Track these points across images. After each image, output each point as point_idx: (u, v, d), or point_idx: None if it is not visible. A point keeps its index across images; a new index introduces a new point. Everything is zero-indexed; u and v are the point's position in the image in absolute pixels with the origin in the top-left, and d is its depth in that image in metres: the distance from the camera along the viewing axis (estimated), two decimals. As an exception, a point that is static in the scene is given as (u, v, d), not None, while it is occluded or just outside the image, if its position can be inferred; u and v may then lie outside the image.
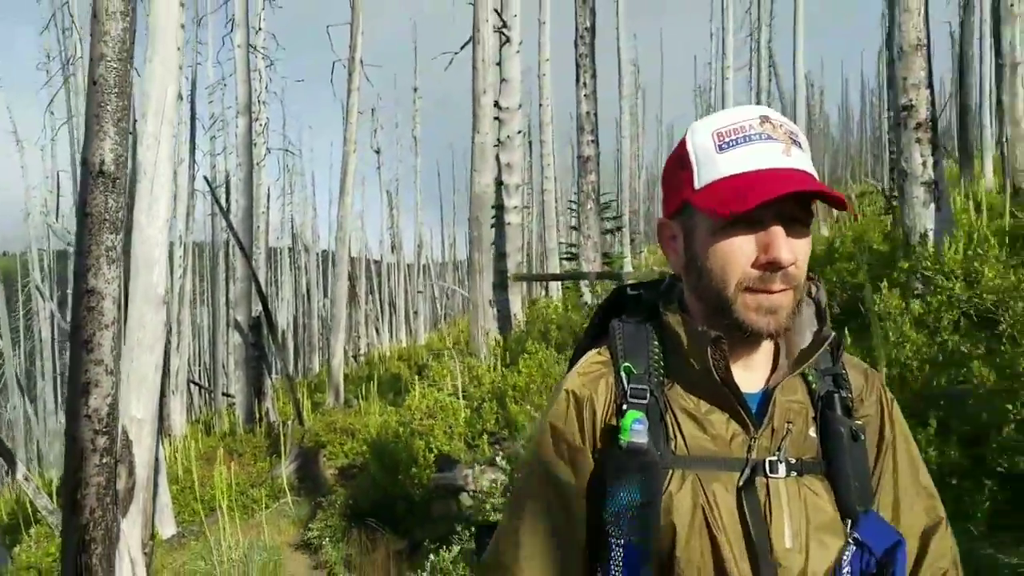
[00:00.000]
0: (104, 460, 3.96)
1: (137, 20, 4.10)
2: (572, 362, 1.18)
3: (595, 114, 11.91)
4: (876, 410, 1.13)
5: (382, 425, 6.68)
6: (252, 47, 13.17)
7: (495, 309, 10.24)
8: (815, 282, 1.13)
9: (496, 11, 12.08)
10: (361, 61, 12.45)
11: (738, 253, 1.00)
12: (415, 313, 30.26)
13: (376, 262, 36.22)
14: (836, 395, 1.09)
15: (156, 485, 4.83)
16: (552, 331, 8.64)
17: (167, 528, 6.63)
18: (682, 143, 1.08)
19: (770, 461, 1.03)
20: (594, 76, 11.93)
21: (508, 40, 11.84)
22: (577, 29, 11.89)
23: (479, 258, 9.40)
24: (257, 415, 11.17)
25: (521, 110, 12.15)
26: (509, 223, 11.43)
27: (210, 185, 13.54)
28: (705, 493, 1.01)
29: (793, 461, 1.04)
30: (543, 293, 17.81)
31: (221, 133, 17.45)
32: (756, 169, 0.99)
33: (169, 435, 12.02)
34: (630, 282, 1.22)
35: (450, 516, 4.17)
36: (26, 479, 7.35)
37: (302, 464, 8.08)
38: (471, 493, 4.26)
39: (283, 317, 28.66)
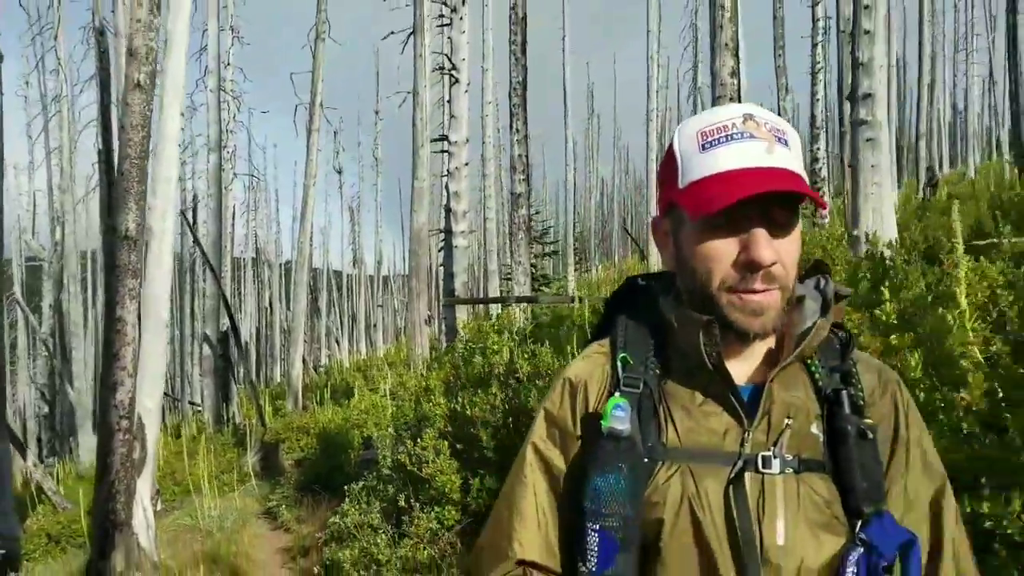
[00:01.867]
0: (126, 437, 5.75)
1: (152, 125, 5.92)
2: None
3: (526, 156, 13.84)
4: (890, 410, 1.10)
5: (329, 421, 8.48)
6: (222, 89, 14.92)
7: (431, 327, 12.08)
8: (825, 275, 1.14)
9: (447, 55, 14.04)
10: (321, 104, 14.27)
11: (720, 253, 1.01)
12: (374, 326, 31.92)
13: (337, 272, 37.87)
14: (844, 392, 1.06)
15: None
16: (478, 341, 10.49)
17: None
18: (671, 142, 1.10)
19: (764, 456, 1.01)
20: (525, 123, 13.86)
21: (457, 81, 13.75)
22: (511, 83, 13.82)
23: (416, 285, 11.25)
24: (225, 418, 12.88)
25: (468, 144, 14.04)
26: (456, 246, 13.26)
27: (183, 213, 15.22)
28: (695, 485, 1.01)
29: (790, 458, 1.02)
30: (484, 310, 19.66)
31: (190, 159, 19.09)
32: (736, 168, 1.00)
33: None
34: (640, 274, 1.25)
35: (368, 488, 5.97)
36: (35, 465, 9.11)
37: (264, 456, 9.84)
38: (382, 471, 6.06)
39: (246, 328, 30.12)
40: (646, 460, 1.03)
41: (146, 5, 5.83)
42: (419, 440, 4.15)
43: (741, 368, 1.08)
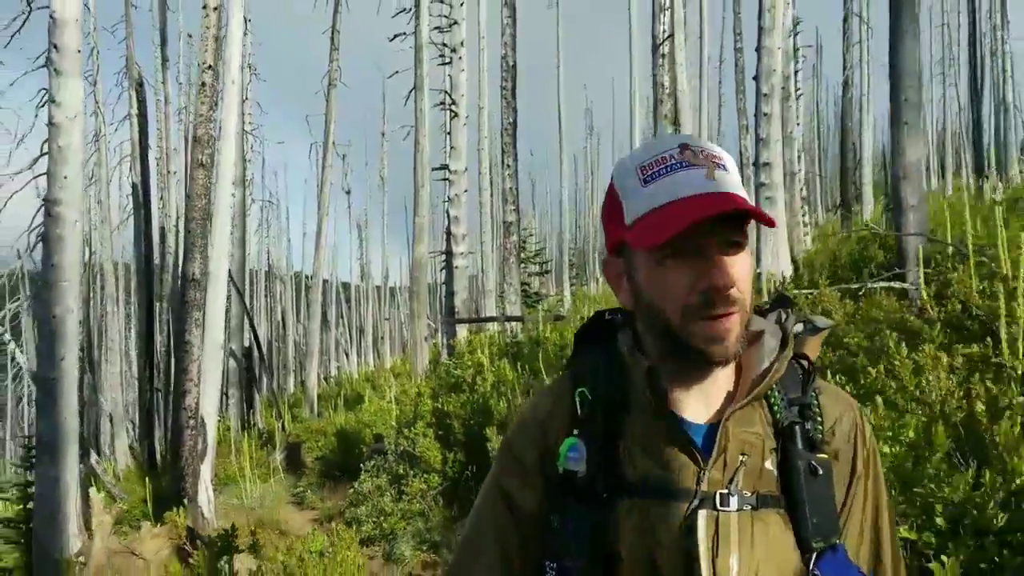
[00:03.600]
0: (192, 432, 7.66)
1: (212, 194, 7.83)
2: None
3: (516, 188, 15.79)
4: (849, 443, 1.12)
5: (344, 423, 10.36)
6: (243, 127, 16.89)
7: (435, 340, 13.94)
8: (787, 309, 1.16)
9: (447, 92, 15.93)
10: (333, 143, 16.22)
11: (676, 283, 1.02)
12: (382, 338, 33.80)
13: (346, 284, 39.78)
14: (798, 427, 1.08)
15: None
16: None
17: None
18: (611, 181, 1.12)
19: (721, 494, 1.03)
20: (515, 159, 15.80)
21: (456, 115, 15.62)
22: (503, 123, 15.76)
23: (417, 307, 13.14)
24: (249, 423, 14.79)
25: (467, 172, 15.90)
26: (456, 267, 15.12)
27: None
28: (652, 523, 1.03)
29: (748, 494, 1.04)
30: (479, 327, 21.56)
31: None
32: (680, 197, 1.02)
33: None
34: (607, 308, 1.25)
35: (377, 466, 7.84)
36: (96, 463, 11.04)
37: (289, 455, 11.72)
38: (389, 455, 7.91)
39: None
40: (604, 496, 1.05)
41: (207, 103, 7.80)
42: (412, 428, 6.03)
43: (699, 404, 1.09)
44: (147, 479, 8.55)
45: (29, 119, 11.92)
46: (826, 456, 1.08)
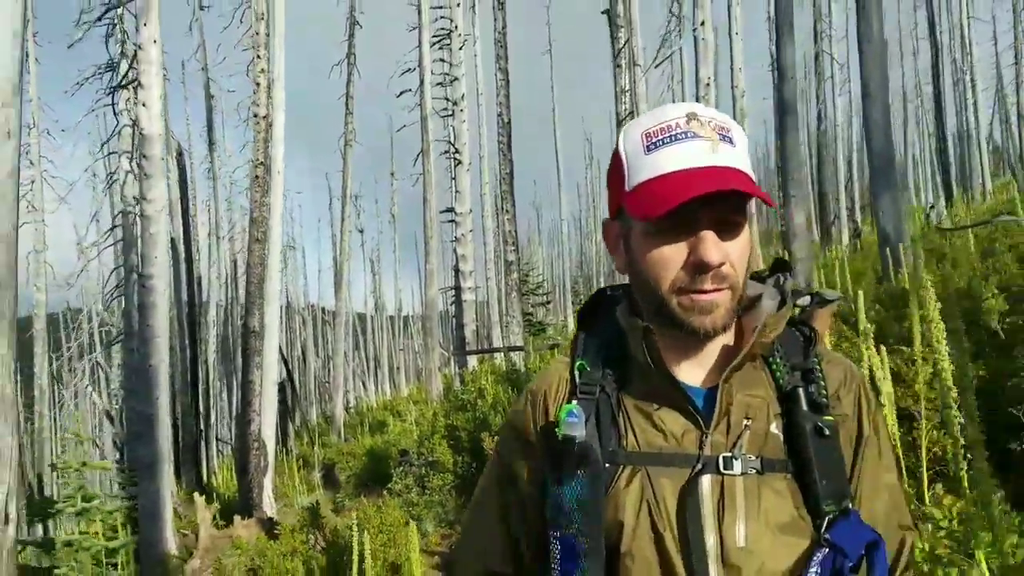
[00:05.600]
0: (256, 452, 9.78)
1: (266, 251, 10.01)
2: None
3: (515, 231, 17.93)
4: (853, 409, 1.13)
5: (372, 444, 12.48)
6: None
7: (449, 369, 16.02)
8: (786, 273, 1.17)
9: (450, 142, 18.06)
10: (350, 196, 18.44)
11: (669, 255, 1.04)
12: (397, 368, 35.94)
13: (361, 315, 41.94)
14: (801, 390, 1.09)
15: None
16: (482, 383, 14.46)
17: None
18: (616, 145, 1.12)
19: (724, 458, 1.04)
20: (513, 204, 17.95)
21: (459, 162, 17.70)
22: (500, 174, 17.95)
23: (429, 341, 15.26)
24: (285, 450, 16.90)
25: (471, 214, 18.02)
26: (465, 301, 17.17)
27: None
28: (653, 489, 1.05)
29: (752, 458, 1.04)
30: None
31: (240, 235, 23.37)
32: (680, 169, 1.02)
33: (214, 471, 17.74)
34: (611, 284, 1.26)
35: (404, 471, 9.94)
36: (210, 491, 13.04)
37: (325, 474, 13.82)
38: (413, 462, 10.01)
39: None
40: (606, 465, 1.07)
41: (259, 188, 9.99)
42: (430, 441, 8.13)
43: (697, 370, 1.11)
44: (235, 486, 10.67)
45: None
46: (832, 418, 1.08)
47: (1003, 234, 6.83)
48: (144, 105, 9.06)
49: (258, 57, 9.81)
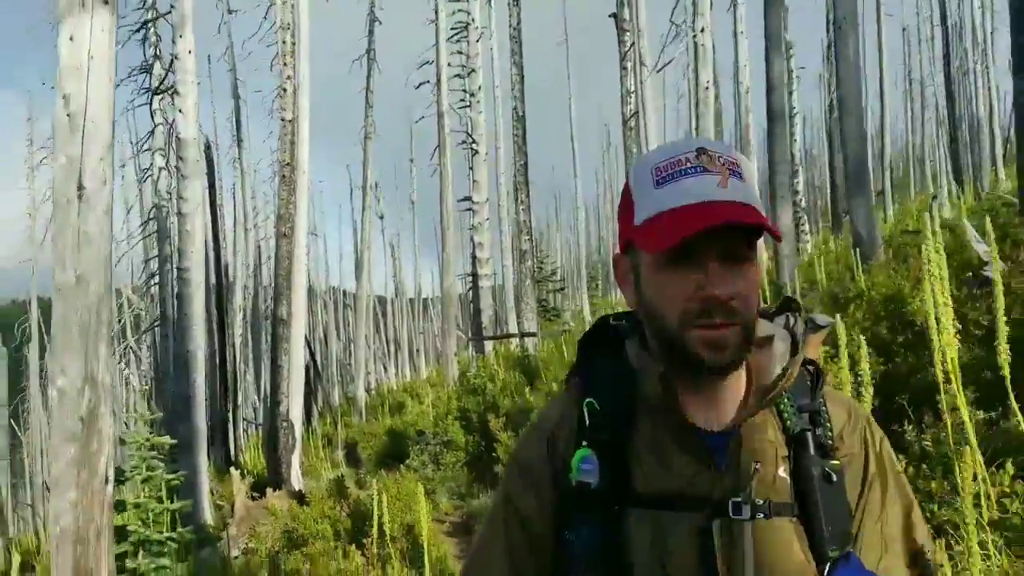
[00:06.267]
0: (285, 431, 10.65)
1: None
2: None
3: (530, 221, 18.63)
4: (860, 448, 1.14)
5: (392, 424, 13.33)
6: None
7: (462, 353, 16.84)
8: (794, 313, 1.17)
9: (468, 132, 18.74)
10: (370, 186, 19.21)
11: (677, 289, 1.04)
12: (417, 351, 36.85)
13: (381, 298, 42.86)
14: (810, 434, 1.09)
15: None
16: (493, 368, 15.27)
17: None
18: (627, 179, 1.15)
19: (734, 503, 1.04)
20: (528, 195, 18.64)
21: (476, 152, 18.39)
22: (515, 165, 18.64)
23: (447, 328, 16.07)
24: (310, 430, 17.83)
25: (488, 202, 18.71)
26: (482, 287, 17.93)
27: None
28: (663, 534, 1.05)
29: (761, 503, 1.05)
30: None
31: (263, 222, 24.30)
32: (689, 203, 1.03)
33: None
34: (614, 312, 1.27)
35: (421, 449, 10.76)
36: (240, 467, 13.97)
37: (348, 453, 14.70)
38: (429, 441, 10.83)
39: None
40: (616, 508, 1.07)
41: (286, 187, 10.79)
42: (444, 422, 8.94)
43: (707, 412, 1.11)
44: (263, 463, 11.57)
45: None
46: (838, 462, 1.09)
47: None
48: (181, 112, 9.89)
49: (284, 65, 10.58)
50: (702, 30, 10.73)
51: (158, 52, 12.69)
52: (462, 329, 26.69)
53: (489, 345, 17.25)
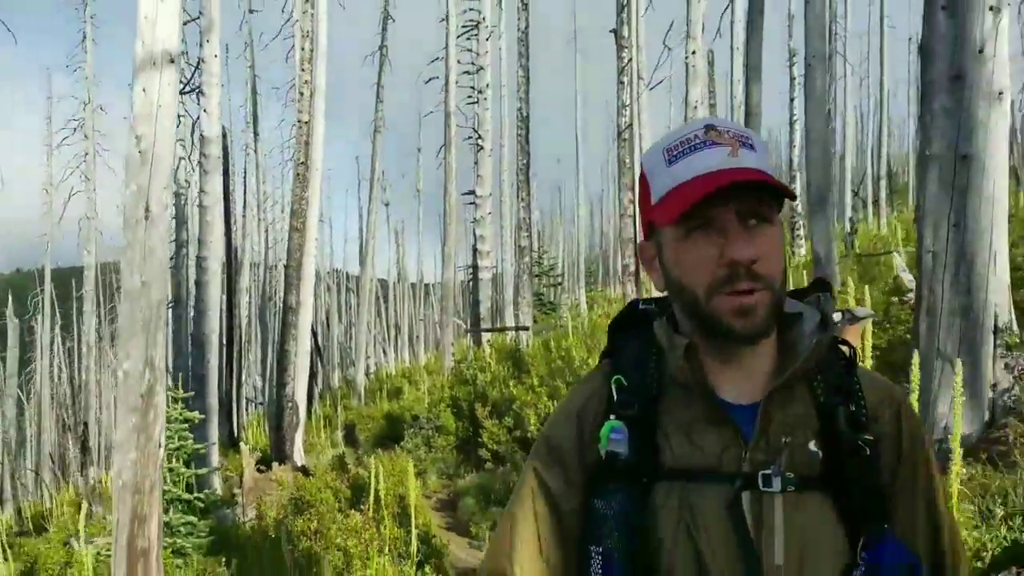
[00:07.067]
0: (290, 410, 11.56)
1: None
2: None
3: (529, 218, 19.50)
4: (893, 428, 1.14)
5: (389, 408, 14.25)
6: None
7: (459, 343, 17.73)
8: (824, 291, 1.18)
9: (474, 128, 19.54)
10: (377, 179, 20.06)
11: (700, 257, 1.06)
12: (417, 337, 37.75)
13: (383, 281, 43.72)
14: (841, 408, 1.09)
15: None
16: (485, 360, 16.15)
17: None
18: (641, 166, 1.18)
19: (764, 475, 1.05)
20: (529, 193, 19.49)
21: (481, 147, 19.19)
22: (518, 164, 19.48)
23: (445, 319, 16.95)
24: (309, 411, 18.76)
25: (491, 197, 19.51)
26: (482, 279, 18.77)
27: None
28: (691, 506, 1.06)
29: (791, 476, 1.05)
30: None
31: (272, 207, 25.18)
32: (701, 174, 1.05)
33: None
34: (644, 297, 1.29)
35: (415, 432, 11.65)
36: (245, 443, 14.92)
37: (347, 434, 15.62)
38: (423, 425, 11.72)
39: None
40: (644, 481, 1.08)
41: (300, 184, 11.66)
42: (437, 408, 9.83)
43: (736, 386, 1.12)
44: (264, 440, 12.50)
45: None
46: (871, 437, 1.08)
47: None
48: (206, 111, 10.76)
49: (302, 70, 11.41)
50: (693, 52, 11.55)
51: (185, 51, 13.53)
52: (462, 318, 27.51)
53: (486, 335, 18.15)
